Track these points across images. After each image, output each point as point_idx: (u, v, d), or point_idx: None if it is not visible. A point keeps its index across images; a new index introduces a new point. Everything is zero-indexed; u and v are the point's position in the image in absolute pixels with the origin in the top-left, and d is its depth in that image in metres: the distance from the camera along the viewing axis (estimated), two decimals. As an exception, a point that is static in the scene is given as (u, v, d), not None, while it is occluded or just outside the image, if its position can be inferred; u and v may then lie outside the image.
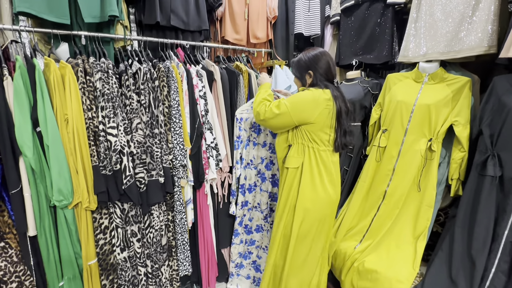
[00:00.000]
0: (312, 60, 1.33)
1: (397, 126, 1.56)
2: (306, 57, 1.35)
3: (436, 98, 1.44)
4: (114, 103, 1.27)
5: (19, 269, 1.17)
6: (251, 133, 1.71)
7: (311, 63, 1.34)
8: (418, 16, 1.56)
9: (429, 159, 1.48)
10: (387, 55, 1.81)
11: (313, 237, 1.41)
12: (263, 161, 1.73)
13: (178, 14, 1.65)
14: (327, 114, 1.31)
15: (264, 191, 1.75)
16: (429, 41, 1.50)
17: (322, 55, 1.33)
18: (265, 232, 1.80)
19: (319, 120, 1.30)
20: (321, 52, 1.34)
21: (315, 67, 1.33)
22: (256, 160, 1.73)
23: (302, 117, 1.30)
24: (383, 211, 1.59)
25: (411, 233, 1.52)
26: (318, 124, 1.31)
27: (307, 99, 1.29)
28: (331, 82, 1.37)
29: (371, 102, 1.83)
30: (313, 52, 1.35)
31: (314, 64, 1.33)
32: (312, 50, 1.36)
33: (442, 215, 1.64)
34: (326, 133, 1.34)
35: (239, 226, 1.77)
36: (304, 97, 1.30)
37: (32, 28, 1.24)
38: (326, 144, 1.35)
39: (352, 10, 1.95)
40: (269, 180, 1.74)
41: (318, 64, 1.32)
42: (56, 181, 1.16)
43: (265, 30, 2.05)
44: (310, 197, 1.36)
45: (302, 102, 1.29)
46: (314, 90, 1.31)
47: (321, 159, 1.35)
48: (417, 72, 1.55)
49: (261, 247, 1.82)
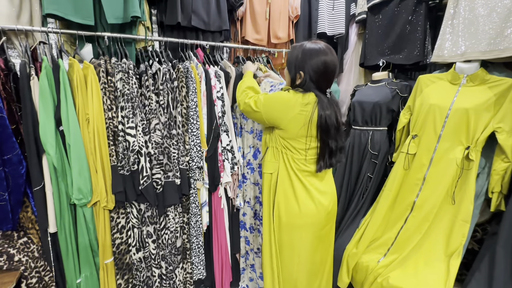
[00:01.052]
0: (305, 56, 1.05)
1: (429, 132, 1.44)
2: (301, 49, 1.07)
3: (476, 102, 1.30)
4: (133, 103, 1.27)
5: (39, 264, 1.20)
6: (241, 120, 1.64)
7: (303, 59, 1.05)
8: (456, 12, 1.42)
9: (466, 169, 1.34)
10: (418, 54, 1.68)
11: (298, 251, 1.24)
12: (251, 149, 1.63)
13: (199, 15, 1.63)
14: (302, 123, 1.09)
15: (253, 183, 1.67)
16: (469, 39, 1.36)
17: (320, 53, 1.04)
18: (255, 232, 1.71)
19: (291, 127, 1.11)
20: (321, 48, 1.04)
21: (307, 66, 1.05)
22: (245, 150, 1.65)
23: (272, 118, 1.13)
24: (411, 223, 1.47)
25: (443, 250, 1.38)
26: (290, 132, 1.12)
27: (280, 99, 1.11)
28: (322, 92, 1.10)
29: (400, 105, 1.70)
30: (312, 45, 1.05)
31: (304, 63, 1.05)
32: (313, 42, 1.08)
33: (479, 231, 1.48)
34: (302, 142, 1.15)
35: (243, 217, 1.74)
36: (278, 97, 1.12)
37: (59, 29, 1.27)
38: (302, 154, 1.16)
39: (380, 8, 1.84)
40: (257, 171, 1.64)
41: (310, 63, 1.05)
42: (76, 180, 1.18)
43: (287, 30, 1.99)
44: (284, 208, 1.21)
45: (274, 102, 1.12)
46: (294, 92, 1.10)
47: (297, 169, 1.17)
48: (454, 73, 1.41)
49: (253, 250, 1.74)
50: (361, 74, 2.20)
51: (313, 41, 1.11)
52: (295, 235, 1.23)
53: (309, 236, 1.23)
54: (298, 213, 1.19)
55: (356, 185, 1.83)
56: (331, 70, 1.07)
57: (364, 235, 1.60)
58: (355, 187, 1.83)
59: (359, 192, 1.80)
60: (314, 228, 1.23)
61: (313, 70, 1.06)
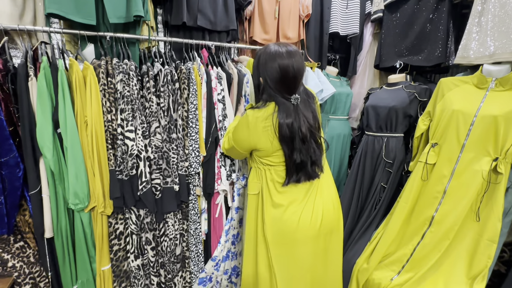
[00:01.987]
0: (263, 60, 0.97)
1: (451, 140, 1.31)
2: (260, 52, 1.00)
3: (507, 109, 1.17)
4: (133, 106, 1.23)
5: (34, 270, 1.17)
6: None
7: (261, 64, 0.99)
8: (484, 9, 1.29)
9: (493, 182, 1.21)
10: (440, 56, 1.55)
11: (295, 268, 1.16)
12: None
13: (206, 14, 1.57)
14: (271, 137, 1.02)
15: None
16: (499, 38, 1.23)
17: (277, 56, 0.94)
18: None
19: (262, 145, 1.05)
20: (278, 52, 0.95)
21: (264, 72, 0.98)
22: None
23: (245, 146, 1.11)
24: (429, 240, 1.34)
25: (465, 272, 1.25)
26: (264, 150, 1.06)
27: (240, 126, 1.09)
28: (285, 98, 0.99)
29: (418, 110, 1.58)
30: (270, 49, 0.97)
31: (263, 68, 0.98)
32: (275, 45, 0.98)
33: (507, 252, 1.34)
34: (279, 155, 1.07)
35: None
36: (239, 124, 1.11)
37: (61, 29, 1.25)
38: (282, 166, 1.10)
39: (398, 5, 1.72)
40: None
41: (267, 67, 0.96)
42: (72, 184, 1.14)
43: (297, 30, 1.90)
44: (275, 224, 1.12)
45: (238, 131, 1.12)
46: (252, 111, 1.03)
47: (281, 182, 1.11)
48: (480, 76, 1.28)
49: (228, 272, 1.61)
50: (375, 77, 2.08)
51: (277, 43, 1.01)
52: (287, 251, 1.13)
53: (301, 252, 1.13)
54: (285, 229, 1.11)
55: (368, 195, 1.71)
56: (292, 76, 0.95)
57: (376, 250, 1.48)
58: (367, 198, 1.71)
59: (371, 203, 1.68)
60: (304, 242, 1.12)
61: (270, 75, 0.97)
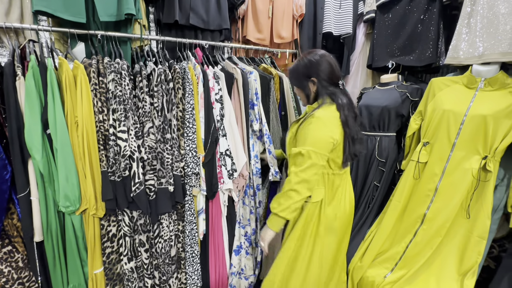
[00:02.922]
0: (313, 65, 1.15)
1: (442, 139, 1.33)
2: (304, 62, 1.18)
3: (495, 108, 1.19)
4: (126, 106, 1.20)
5: (23, 275, 1.13)
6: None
7: (312, 68, 1.16)
8: (474, 10, 1.31)
9: (482, 180, 1.24)
10: (431, 56, 1.57)
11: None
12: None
13: (198, 13, 1.56)
14: (339, 123, 1.13)
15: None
16: (487, 40, 1.26)
17: (322, 58, 1.16)
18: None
19: (340, 137, 1.12)
20: (320, 55, 1.17)
21: (317, 72, 1.15)
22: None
23: (330, 147, 1.10)
24: (421, 237, 1.37)
25: (456, 268, 1.28)
26: (338, 144, 1.12)
27: (319, 130, 1.08)
28: (336, 86, 1.18)
29: (410, 110, 1.60)
30: (311, 56, 1.17)
31: (316, 69, 1.15)
32: (309, 54, 1.19)
33: (496, 248, 1.37)
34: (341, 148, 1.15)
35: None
36: (317, 130, 1.08)
37: (50, 27, 1.21)
38: (334, 168, 1.18)
39: (390, 6, 1.74)
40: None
41: (320, 68, 1.14)
42: (63, 187, 1.11)
43: (291, 29, 1.90)
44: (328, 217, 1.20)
45: (319, 135, 1.08)
46: (321, 114, 1.10)
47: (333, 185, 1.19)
48: (470, 76, 1.31)
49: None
50: (368, 76, 2.10)
51: (306, 54, 1.19)
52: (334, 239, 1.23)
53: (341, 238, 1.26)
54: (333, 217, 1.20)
55: (361, 194, 1.73)
56: (335, 65, 1.17)
57: (370, 248, 1.50)
58: (360, 196, 1.73)
59: (364, 201, 1.70)
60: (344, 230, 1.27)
61: (324, 72, 1.14)
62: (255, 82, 1.51)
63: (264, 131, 1.56)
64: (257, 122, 1.55)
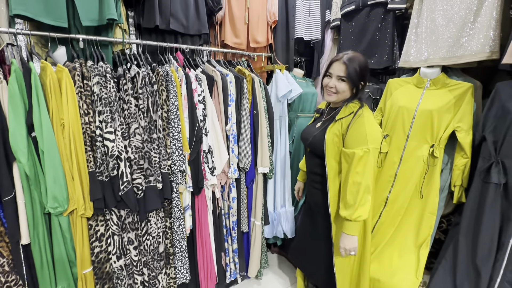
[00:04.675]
0: (367, 70, 1.19)
1: (399, 132, 1.55)
2: (365, 64, 1.19)
3: (438, 104, 1.43)
4: (111, 108, 1.25)
5: (10, 279, 1.13)
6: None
7: (367, 73, 1.19)
8: (419, 22, 1.55)
9: (431, 165, 1.46)
10: (387, 60, 1.80)
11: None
12: None
13: (178, 18, 1.63)
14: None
15: None
16: (431, 46, 1.49)
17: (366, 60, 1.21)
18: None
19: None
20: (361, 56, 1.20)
21: (367, 74, 1.19)
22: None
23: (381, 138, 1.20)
24: (385, 218, 1.57)
25: (413, 241, 1.49)
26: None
27: (373, 125, 1.18)
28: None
29: (372, 107, 1.81)
30: (359, 56, 1.19)
31: (367, 71, 1.19)
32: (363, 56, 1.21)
33: (445, 222, 1.61)
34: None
35: None
36: (370, 126, 1.15)
37: (29, 31, 1.22)
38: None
39: (352, 15, 1.95)
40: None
41: (367, 76, 1.20)
42: (51, 188, 1.13)
43: (265, 34, 2.04)
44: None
45: (374, 131, 1.16)
46: (367, 113, 1.19)
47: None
48: (419, 77, 1.54)
49: None
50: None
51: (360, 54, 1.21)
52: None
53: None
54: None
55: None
56: None
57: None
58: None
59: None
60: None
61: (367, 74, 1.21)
62: (230, 84, 1.60)
63: (231, 131, 1.64)
64: (229, 121, 1.64)
